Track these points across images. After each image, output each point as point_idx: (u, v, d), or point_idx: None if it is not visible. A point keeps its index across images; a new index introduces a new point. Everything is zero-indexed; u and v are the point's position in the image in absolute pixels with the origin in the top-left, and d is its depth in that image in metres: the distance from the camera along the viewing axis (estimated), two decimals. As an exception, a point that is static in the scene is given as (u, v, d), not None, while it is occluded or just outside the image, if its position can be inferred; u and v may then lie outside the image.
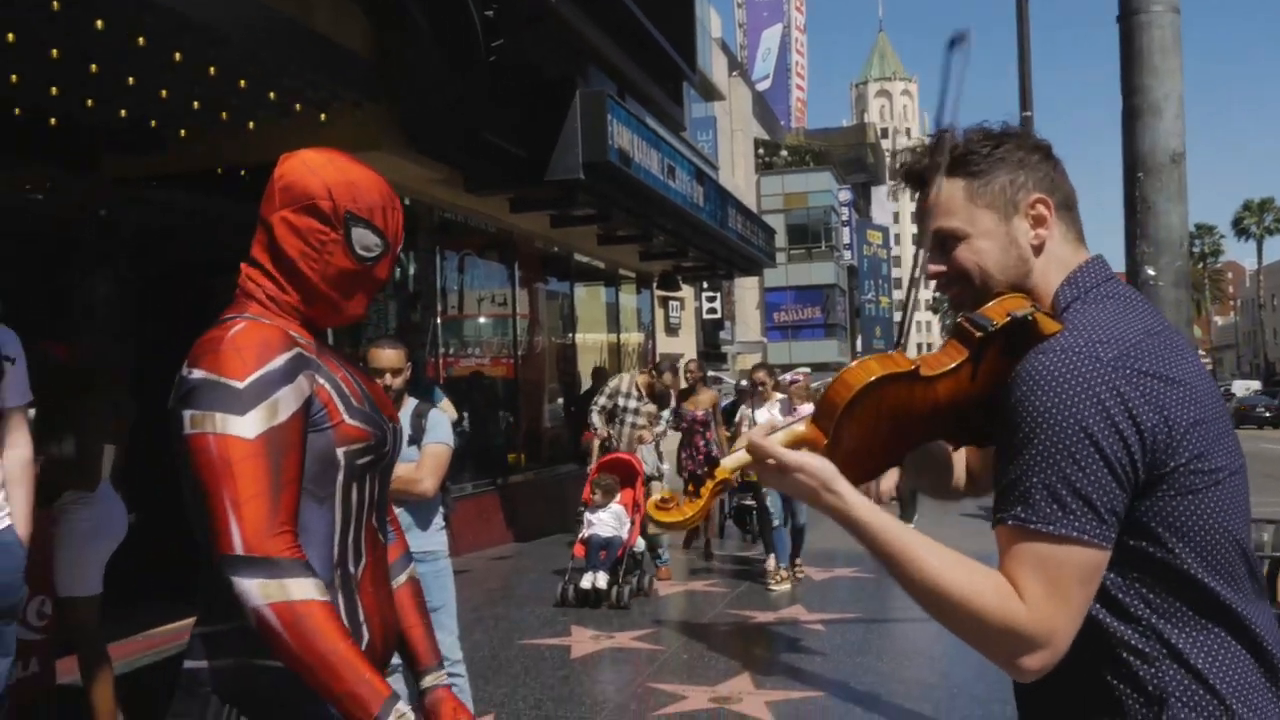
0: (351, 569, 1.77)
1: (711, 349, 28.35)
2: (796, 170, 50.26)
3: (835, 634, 7.23)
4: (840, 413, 1.48)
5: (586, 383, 13.55)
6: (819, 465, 1.46)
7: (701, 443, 10.17)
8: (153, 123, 7.29)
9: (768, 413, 8.80)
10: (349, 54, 7.00)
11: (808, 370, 11.45)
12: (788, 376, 10.83)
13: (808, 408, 8.53)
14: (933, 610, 1.42)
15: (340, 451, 1.74)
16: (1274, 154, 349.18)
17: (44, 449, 4.41)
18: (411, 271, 10.20)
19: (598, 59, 10.30)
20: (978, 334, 1.50)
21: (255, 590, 1.55)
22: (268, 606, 1.55)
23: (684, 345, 21.49)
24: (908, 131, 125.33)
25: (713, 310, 28.18)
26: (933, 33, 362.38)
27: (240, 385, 1.62)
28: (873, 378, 1.47)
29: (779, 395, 9.23)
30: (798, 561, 9.20)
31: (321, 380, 1.74)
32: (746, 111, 38.03)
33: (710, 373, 26.51)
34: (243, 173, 7.97)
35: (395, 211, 1.84)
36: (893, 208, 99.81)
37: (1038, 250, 1.57)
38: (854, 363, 1.51)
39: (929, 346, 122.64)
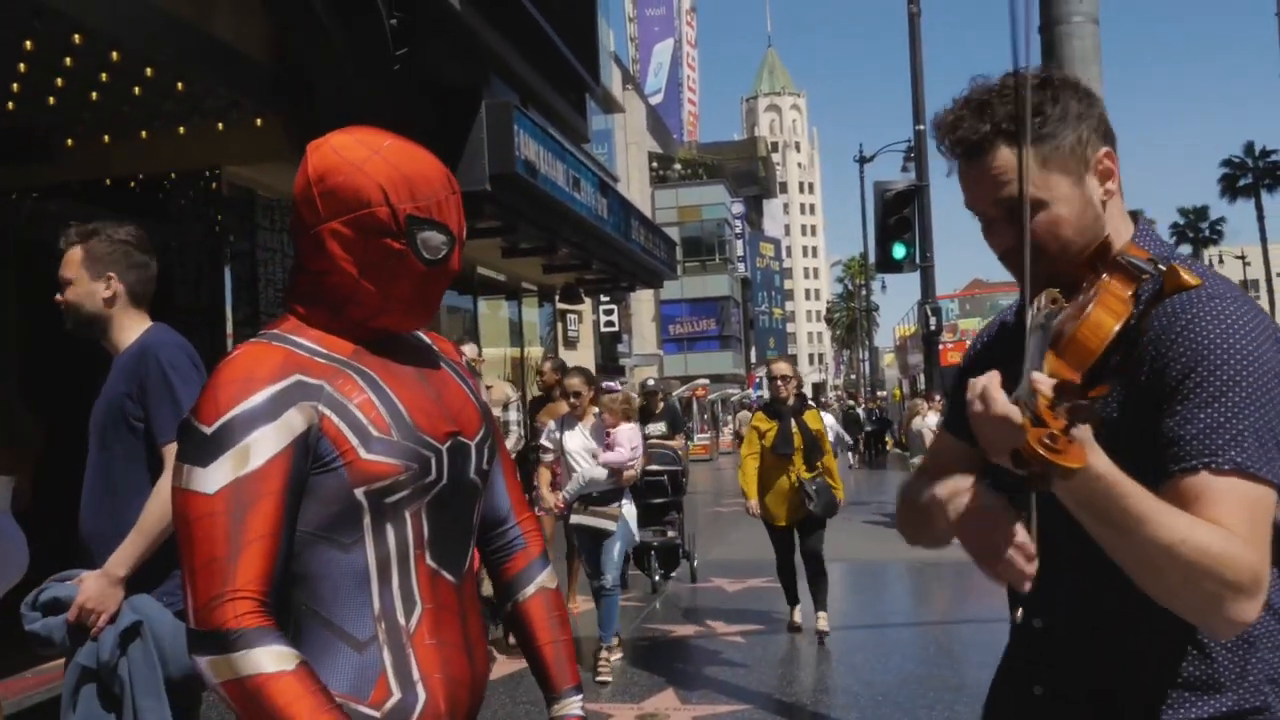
0: (401, 620, 1.56)
1: (610, 362, 28.29)
2: (690, 183, 50.74)
3: (755, 645, 7.21)
4: (1097, 360, 1.35)
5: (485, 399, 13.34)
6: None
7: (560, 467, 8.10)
8: (39, 131, 6.95)
9: (580, 435, 6.98)
10: (250, 60, 6.76)
11: (618, 384, 9.56)
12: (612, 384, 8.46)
13: (626, 429, 6.94)
14: (1165, 571, 1.27)
15: (359, 492, 1.51)
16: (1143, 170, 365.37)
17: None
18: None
19: (500, 68, 10.15)
20: (1143, 275, 1.44)
21: (207, 669, 1.39)
22: (220, 687, 1.39)
23: (582, 359, 21.34)
24: (797, 145, 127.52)
25: (610, 323, 28.08)
26: (820, 49, 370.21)
27: (207, 431, 1.44)
28: (1123, 319, 1.36)
29: (596, 410, 7.18)
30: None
31: (327, 411, 1.51)
32: (641, 125, 38.24)
33: (605, 383, 26.57)
34: (133, 184, 7.65)
35: (456, 195, 1.62)
36: (784, 220, 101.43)
37: (1105, 205, 1.50)
38: (1094, 303, 1.37)
39: (820, 357, 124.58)
